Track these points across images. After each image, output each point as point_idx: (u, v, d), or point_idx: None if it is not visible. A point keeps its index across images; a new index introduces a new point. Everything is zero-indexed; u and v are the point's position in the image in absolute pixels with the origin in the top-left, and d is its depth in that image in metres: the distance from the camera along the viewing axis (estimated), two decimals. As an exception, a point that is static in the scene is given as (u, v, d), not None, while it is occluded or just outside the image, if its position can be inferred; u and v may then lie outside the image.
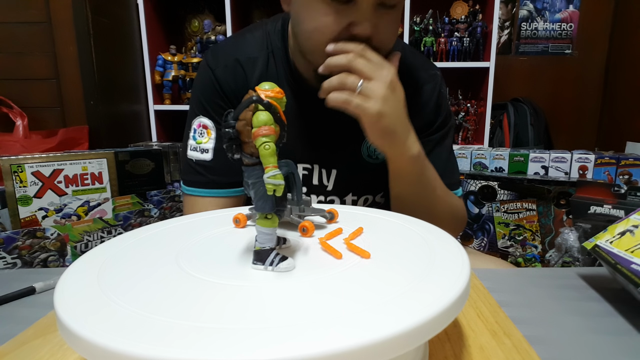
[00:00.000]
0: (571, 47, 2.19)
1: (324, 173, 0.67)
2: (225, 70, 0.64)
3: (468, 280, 0.28)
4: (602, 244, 0.47)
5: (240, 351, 0.21)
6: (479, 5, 1.92)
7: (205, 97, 0.65)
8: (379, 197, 0.71)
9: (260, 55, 0.64)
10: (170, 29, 2.06)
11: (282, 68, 0.64)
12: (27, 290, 0.48)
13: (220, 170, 0.64)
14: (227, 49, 0.66)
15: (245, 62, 0.64)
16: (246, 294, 0.27)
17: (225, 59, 0.64)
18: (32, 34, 1.65)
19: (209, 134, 0.64)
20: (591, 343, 0.37)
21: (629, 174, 1.21)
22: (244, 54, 0.64)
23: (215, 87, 0.64)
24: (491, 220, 1.03)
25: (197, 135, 0.65)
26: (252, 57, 0.64)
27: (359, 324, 0.23)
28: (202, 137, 0.64)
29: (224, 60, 0.64)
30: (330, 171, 0.67)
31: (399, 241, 0.37)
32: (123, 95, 1.90)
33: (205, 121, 0.64)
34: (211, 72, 0.64)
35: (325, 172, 0.67)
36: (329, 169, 0.67)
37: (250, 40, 0.66)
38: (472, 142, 2.00)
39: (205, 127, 0.64)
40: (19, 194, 0.71)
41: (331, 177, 0.67)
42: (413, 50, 0.72)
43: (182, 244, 0.38)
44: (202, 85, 0.66)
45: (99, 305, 0.26)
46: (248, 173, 0.32)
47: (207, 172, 0.64)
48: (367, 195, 0.70)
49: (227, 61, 0.64)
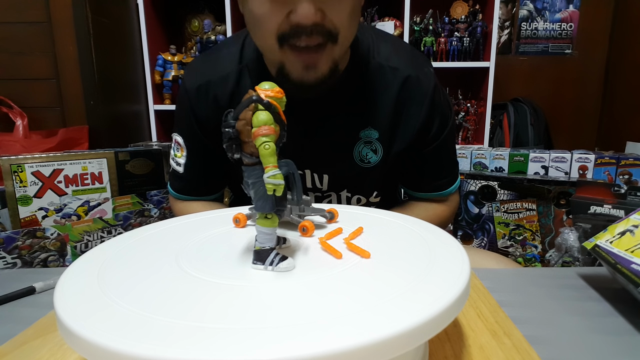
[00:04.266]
0: (571, 47, 2.19)
1: (316, 178, 0.67)
2: (198, 94, 0.64)
3: (468, 280, 0.28)
4: (602, 244, 0.47)
5: (241, 351, 0.21)
6: (479, 5, 1.92)
7: (181, 116, 0.68)
8: (373, 198, 0.71)
9: (232, 71, 0.63)
10: (170, 29, 2.06)
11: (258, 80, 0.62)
12: (27, 290, 0.48)
13: (192, 181, 0.72)
14: (202, 68, 0.66)
15: (217, 81, 0.64)
16: (246, 294, 0.27)
17: (199, 81, 0.64)
18: (32, 34, 1.65)
19: (182, 151, 0.70)
20: (591, 343, 0.37)
21: (629, 173, 1.21)
22: (216, 73, 0.64)
23: (188, 110, 0.65)
24: (491, 220, 1.03)
25: (175, 149, 0.71)
26: (224, 75, 0.63)
27: (359, 324, 0.23)
28: (177, 152, 0.71)
29: (198, 81, 0.64)
30: (322, 176, 0.67)
31: (399, 241, 0.37)
32: (123, 95, 1.90)
33: (179, 139, 0.69)
34: (186, 93, 0.65)
35: (318, 177, 0.67)
36: (321, 174, 0.67)
37: (225, 56, 0.65)
38: (472, 142, 2.00)
39: (179, 144, 0.70)
40: (19, 194, 0.71)
41: (324, 181, 0.67)
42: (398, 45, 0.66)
43: (182, 244, 0.38)
44: (180, 104, 0.68)
45: (99, 306, 0.26)
46: (248, 173, 0.32)
47: (180, 181, 0.72)
48: (359, 196, 0.70)
49: (201, 83, 0.64)
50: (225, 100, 0.63)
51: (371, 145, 0.64)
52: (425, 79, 0.63)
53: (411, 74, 0.62)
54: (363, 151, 0.65)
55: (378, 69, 0.62)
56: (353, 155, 0.65)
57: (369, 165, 0.66)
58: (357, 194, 0.70)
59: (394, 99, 0.62)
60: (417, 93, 0.62)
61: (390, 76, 0.62)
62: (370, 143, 0.64)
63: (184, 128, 0.68)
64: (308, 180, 0.68)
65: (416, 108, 0.63)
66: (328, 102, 0.62)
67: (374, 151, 0.64)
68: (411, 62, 0.64)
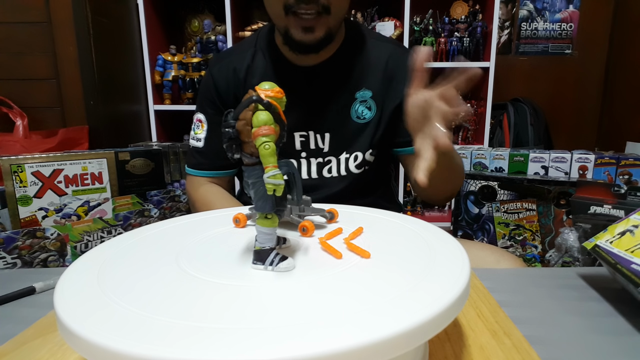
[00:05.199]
0: (571, 47, 2.19)
1: (318, 138, 0.76)
2: (220, 70, 0.77)
3: (468, 280, 0.28)
4: (602, 244, 0.47)
5: (240, 351, 0.21)
6: (479, 5, 1.92)
7: (203, 95, 0.79)
8: (369, 155, 0.77)
9: (248, 51, 0.77)
10: (170, 29, 2.06)
11: (270, 58, 0.75)
12: (27, 290, 0.48)
13: (209, 155, 0.79)
14: (225, 52, 0.82)
15: (236, 59, 0.77)
16: (246, 294, 0.27)
17: (221, 62, 0.78)
18: (32, 34, 1.65)
19: (202, 126, 0.78)
20: (591, 343, 0.37)
21: (629, 174, 1.21)
22: (235, 54, 0.78)
23: (211, 85, 0.77)
24: (491, 220, 1.03)
25: (195, 127, 0.80)
26: (242, 54, 0.77)
27: (359, 324, 0.23)
28: (198, 129, 0.79)
29: (219, 62, 0.78)
30: (324, 135, 0.76)
31: (399, 241, 0.37)
32: (123, 95, 1.90)
33: (200, 116, 0.79)
34: (210, 73, 0.78)
35: (320, 137, 0.76)
36: (323, 133, 0.76)
37: (243, 44, 0.80)
38: (472, 142, 2.00)
39: (200, 120, 0.79)
40: (19, 194, 0.71)
41: (325, 140, 0.76)
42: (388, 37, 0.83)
43: (182, 244, 0.38)
44: (203, 84, 0.80)
45: (99, 305, 0.26)
46: (248, 173, 0.32)
47: (200, 156, 0.80)
48: (357, 152, 0.77)
49: (223, 62, 0.78)
50: (243, 72, 0.76)
51: (366, 104, 0.76)
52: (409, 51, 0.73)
53: (399, 48, 0.78)
54: (359, 109, 0.76)
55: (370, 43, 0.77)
56: (350, 114, 0.76)
57: (364, 121, 0.76)
58: (354, 152, 0.77)
59: (384, 64, 0.75)
60: (403, 61, 0.74)
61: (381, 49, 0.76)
62: (365, 101, 0.75)
63: (206, 104, 0.78)
64: (312, 142, 0.76)
65: (403, 73, 0.73)
66: (328, 69, 0.74)
67: (368, 108, 0.76)
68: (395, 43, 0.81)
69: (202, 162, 0.80)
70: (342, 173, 0.77)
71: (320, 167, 0.77)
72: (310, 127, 0.76)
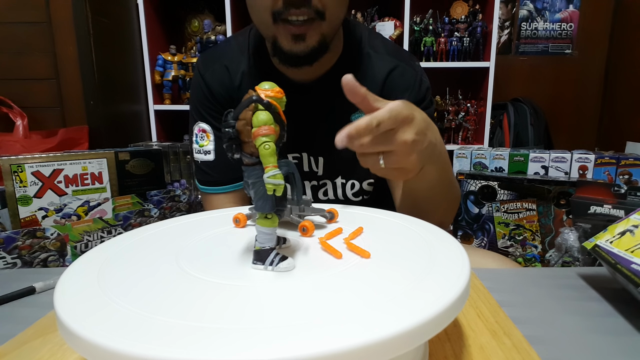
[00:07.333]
0: (571, 47, 2.19)
1: (312, 160, 0.71)
2: (213, 75, 0.70)
3: (468, 280, 0.28)
4: (602, 244, 0.47)
5: (240, 351, 0.21)
6: (479, 5, 1.92)
7: (199, 102, 0.71)
8: (367, 185, 0.72)
9: (242, 58, 0.69)
10: (170, 29, 2.06)
11: (263, 66, 0.69)
12: (27, 290, 0.48)
13: (224, 167, 0.70)
14: (214, 55, 0.72)
15: (229, 65, 0.69)
16: (246, 294, 0.27)
17: (213, 64, 0.70)
18: (32, 34, 1.65)
19: (208, 137, 0.70)
20: (591, 343, 0.37)
21: (629, 174, 1.21)
22: (228, 58, 0.70)
23: (205, 92, 0.70)
24: (491, 220, 1.03)
25: (199, 139, 0.72)
26: (235, 60, 0.69)
27: (359, 324, 0.23)
28: (203, 140, 0.71)
29: (211, 65, 0.70)
30: (318, 159, 0.71)
31: (399, 241, 0.37)
32: (123, 95, 1.90)
33: (203, 125, 0.71)
34: (201, 77, 0.71)
35: (313, 159, 0.71)
36: (316, 156, 0.71)
37: (234, 45, 0.71)
38: (472, 142, 2.00)
39: (203, 130, 0.71)
40: (19, 194, 0.71)
41: (319, 163, 0.71)
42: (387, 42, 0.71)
43: (182, 244, 0.38)
44: (195, 91, 0.72)
45: (99, 305, 0.26)
46: (248, 173, 0.32)
47: (213, 171, 0.71)
48: (354, 180, 0.72)
49: (214, 66, 0.70)
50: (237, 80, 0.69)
51: None
52: (410, 70, 0.68)
53: (397, 65, 0.68)
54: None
55: (368, 58, 0.68)
56: None
57: None
58: (351, 179, 0.72)
59: (380, 85, 0.67)
60: (401, 82, 0.68)
61: (378, 65, 0.68)
62: None
63: (205, 112, 0.71)
64: (305, 164, 0.71)
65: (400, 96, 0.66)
66: (323, 86, 0.67)
67: None
68: (397, 55, 0.70)
69: (217, 178, 0.72)
70: (339, 197, 0.73)
71: (315, 189, 0.73)
72: (303, 149, 0.70)
